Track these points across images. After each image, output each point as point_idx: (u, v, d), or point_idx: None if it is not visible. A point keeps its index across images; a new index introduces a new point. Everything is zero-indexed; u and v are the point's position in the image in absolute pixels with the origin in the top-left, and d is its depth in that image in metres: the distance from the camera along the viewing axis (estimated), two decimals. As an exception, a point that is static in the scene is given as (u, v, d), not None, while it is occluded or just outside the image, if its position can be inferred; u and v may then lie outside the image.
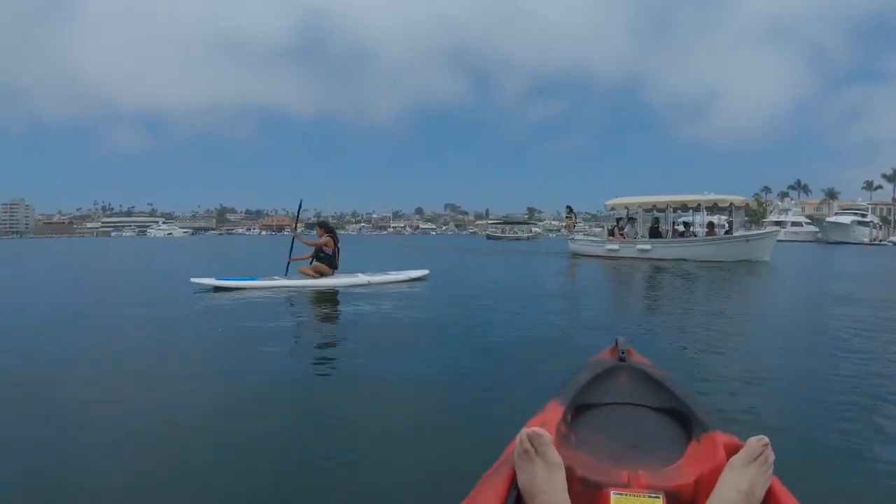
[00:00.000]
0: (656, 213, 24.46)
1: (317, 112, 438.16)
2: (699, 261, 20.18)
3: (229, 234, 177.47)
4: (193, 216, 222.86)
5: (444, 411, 3.79)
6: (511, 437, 1.79)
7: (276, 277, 10.22)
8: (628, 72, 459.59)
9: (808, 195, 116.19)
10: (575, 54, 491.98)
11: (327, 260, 10.64)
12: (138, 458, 3.00)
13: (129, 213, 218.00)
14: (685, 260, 20.52)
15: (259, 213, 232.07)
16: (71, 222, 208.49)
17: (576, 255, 25.09)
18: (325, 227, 10.89)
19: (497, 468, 1.73)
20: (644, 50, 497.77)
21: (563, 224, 40.62)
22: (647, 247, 22.12)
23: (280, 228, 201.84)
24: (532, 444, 1.61)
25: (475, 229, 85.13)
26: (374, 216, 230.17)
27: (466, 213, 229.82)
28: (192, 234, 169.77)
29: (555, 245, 46.62)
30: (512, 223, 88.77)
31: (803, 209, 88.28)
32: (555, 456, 1.62)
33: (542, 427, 1.71)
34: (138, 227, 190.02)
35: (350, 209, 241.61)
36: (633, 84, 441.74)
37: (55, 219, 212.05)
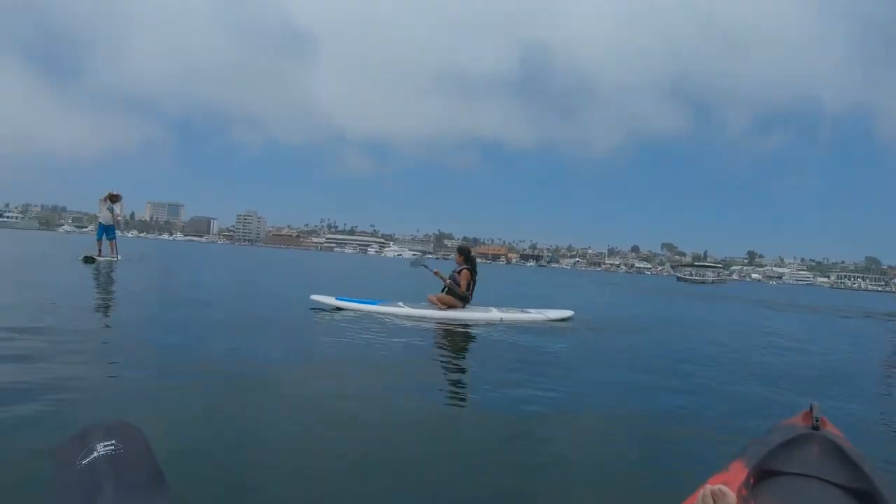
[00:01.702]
0: None
1: (537, 143, 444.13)
2: None
3: (445, 259, 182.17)
4: (412, 239, 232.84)
5: (613, 460, 3.38)
6: (688, 493, 1.77)
7: (400, 304, 9.33)
8: (859, 102, 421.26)
9: None
10: (801, 83, 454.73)
11: (456, 293, 9.49)
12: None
13: (352, 232, 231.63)
14: None
15: (475, 241, 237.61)
16: (298, 236, 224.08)
17: None
18: (465, 255, 9.83)
19: None
20: (876, 78, 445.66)
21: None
22: None
23: (495, 257, 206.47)
24: (714, 503, 1.53)
25: (691, 271, 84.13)
26: (590, 251, 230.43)
27: (684, 255, 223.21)
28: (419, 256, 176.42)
29: (742, 290, 44.59)
30: (708, 266, 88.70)
31: None
32: None
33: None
34: (360, 245, 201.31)
35: (566, 243, 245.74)
36: (865, 115, 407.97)
37: (284, 231, 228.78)
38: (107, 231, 17.57)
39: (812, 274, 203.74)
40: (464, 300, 9.38)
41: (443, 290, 9.45)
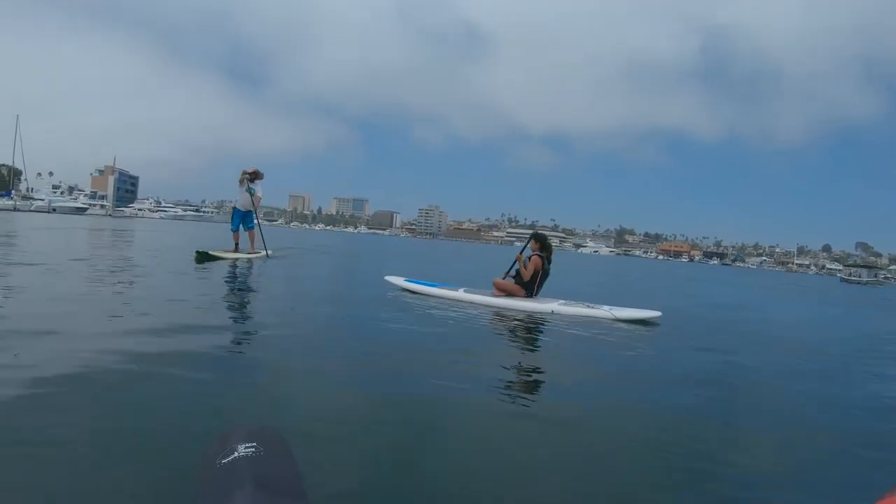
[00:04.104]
0: None
1: (721, 135, 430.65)
2: None
3: (626, 255, 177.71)
4: (593, 234, 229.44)
5: (761, 470, 2.97)
6: None
7: (461, 289, 8.94)
8: None
9: None
10: None
11: (521, 280, 8.72)
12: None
13: (532, 226, 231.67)
14: None
15: (657, 237, 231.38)
16: (479, 229, 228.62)
17: None
18: (540, 241, 8.93)
19: None
20: None
21: None
22: None
23: (678, 254, 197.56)
24: None
25: (888, 275, 76.52)
26: (777, 250, 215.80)
27: (879, 255, 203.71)
28: (619, 254, 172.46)
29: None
30: (864, 267, 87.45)
31: None
32: None
33: None
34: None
35: (752, 240, 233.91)
36: None
37: (465, 225, 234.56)
38: (244, 219, 13.74)
39: None
40: (527, 289, 8.60)
41: (514, 277, 8.84)
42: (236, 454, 1.87)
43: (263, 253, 13.93)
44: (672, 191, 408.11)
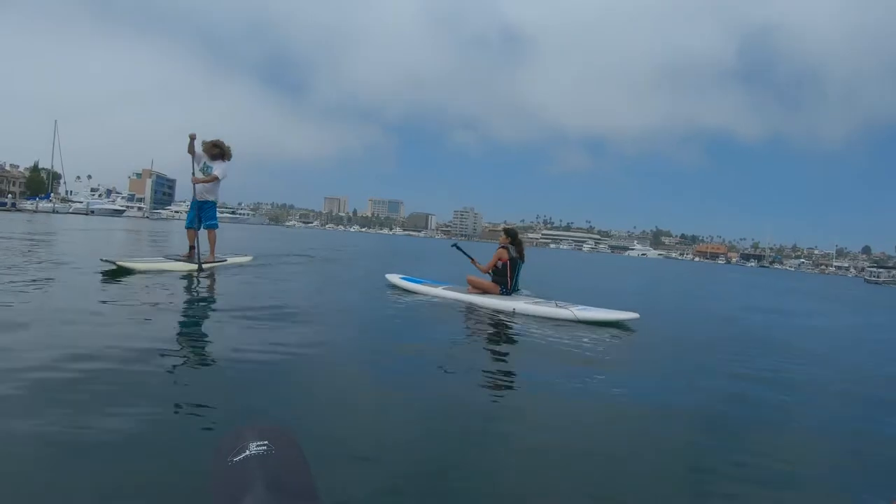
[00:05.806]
0: None
1: (763, 136, 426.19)
2: None
3: (665, 257, 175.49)
4: (629, 236, 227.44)
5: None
6: None
7: (441, 287, 8.97)
8: None
9: None
10: None
11: (495, 276, 8.57)
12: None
13: (567, 228, 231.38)
14: None
15: (694, 239, 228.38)
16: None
17: None
18: (511, 236, 8.76)
19: None
20: None
21: None
22: None
23: (714, 256, 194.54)
24: None
25: (871, 272, 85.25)
26: (816, 252, 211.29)
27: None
28: (664, 258, 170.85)
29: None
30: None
31: None
32: None
33: None
34: (574, 241, 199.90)
35: (790, 241, 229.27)
36: None
37: (500, 227, 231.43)
38: (202, 211, 9.84)
39: None
40: (500, 283, 8.42)
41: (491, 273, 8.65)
42: (248, 452, 1.88)
43: (227, 260, 10.52)
44: (709, 192, 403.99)
